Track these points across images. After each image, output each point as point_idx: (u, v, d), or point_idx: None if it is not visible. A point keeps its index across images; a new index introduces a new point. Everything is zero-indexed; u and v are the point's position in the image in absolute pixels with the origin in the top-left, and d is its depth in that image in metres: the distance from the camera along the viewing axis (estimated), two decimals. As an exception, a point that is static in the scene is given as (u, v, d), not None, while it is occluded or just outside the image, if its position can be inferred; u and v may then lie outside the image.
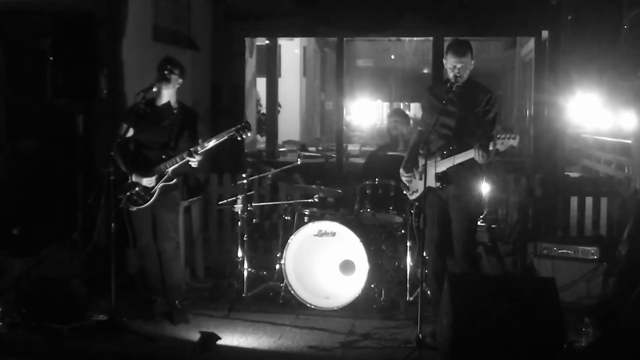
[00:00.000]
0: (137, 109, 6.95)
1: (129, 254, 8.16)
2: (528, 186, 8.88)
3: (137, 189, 6.99)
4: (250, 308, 7.54)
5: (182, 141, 7.01)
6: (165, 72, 7.00)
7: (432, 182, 6.41)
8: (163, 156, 6.97)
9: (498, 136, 6.03)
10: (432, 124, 6.39)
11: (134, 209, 7.03)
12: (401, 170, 6.77)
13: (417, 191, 6.70)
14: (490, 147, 6.11)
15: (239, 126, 6.85)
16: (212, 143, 6.85)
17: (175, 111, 7.08)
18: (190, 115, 7.18)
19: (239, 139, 6.91)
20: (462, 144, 6.31)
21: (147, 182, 6.96)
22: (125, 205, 7.02)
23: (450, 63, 6.42)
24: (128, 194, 7.00)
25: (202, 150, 6.82)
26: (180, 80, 7.10)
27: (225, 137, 6.86)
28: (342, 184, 8.55)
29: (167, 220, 7.11)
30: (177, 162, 6.90)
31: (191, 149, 6.81)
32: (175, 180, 7.03)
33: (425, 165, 6.37)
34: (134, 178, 6.99)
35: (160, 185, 6.97)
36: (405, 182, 6.82)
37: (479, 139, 6.21)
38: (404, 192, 6.93)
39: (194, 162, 6.86)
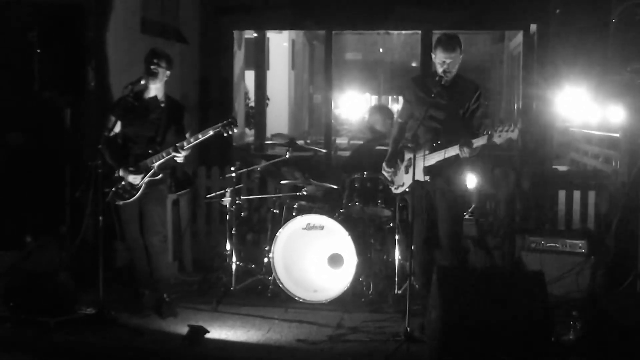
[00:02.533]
0: (125, 103, 6.92)
1: (117, 248, 8.14)
2: (516, 180, 8.89)
3: (123, 183, 6.98)
4: (238, 301, 7.55)
5: (169, 135, 6.99)
6: (152, 66, 6.98)
7: (420, 175, 6.41)
8: (150, 151, 6.95)
9: (495, 129, 6.04)
10: (421, 117, 6.38)
11: (121, 203, 7.01)
12: (383, 165, 6.78)
13: (402, 185, 6.71)
14: (477, 144, 6.14)
15: (225, 122, 6.82)
16: (198, 139, 6.82)
17: (162, 105, 7.06)
18: (177, 109, 7.16)
19: (225, 135, 6.87)
20: (452, 137, 6.31)
21: (133, 179, 6.94)
22: (112, 199, 7.01)
23: (440, 58, 6.41)
24: (114, 188, 6.98)
25: (187, 146, 6.81)
26: (168, 72, 7.08)
27: (211, 133, 6.83)
28: (330, 177, 8.53)
29: (154, 214, 7.10)
30: (163, 157, 6.88)
31: (177, 145, 6.80)
32: (161, 175, 7.01)
33: (409, 159, 6.36)
34: (121, 173, 6.98)
35: (146, 179, 6.95)
36: (387, 177, 6.83)
37: (464, 135, 6.24)
38: (389, 186, 6.94)
39: (179, 157, 6.85)
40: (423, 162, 6.41)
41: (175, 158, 6.86)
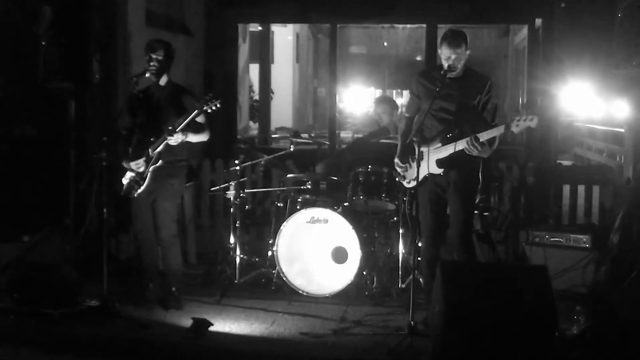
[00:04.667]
0: (131, 97, 6.94)
1: (121, 240, 8.15)
2: (520, 174, 8.89)
3: (132, 174, 6.99)
4: (242, 294, 7.55)
5: (171, 121, 6.93)
6: (151, 63, 6.96)
7: (433, 168, 6.39)
8: (151, 139, 6.93)
9: (513, 118, 6.03)
10: (428, 108, 6.36)
11: (135, 194, 7.01)
12: (396, 161, 6.73)
13: (414, 179, 6.65)
14: (485, 137, 6.13)
15: (206, 98, 6.79)
16: (186, 119, 6.78)
17: (167, 92, 7.04)
18: (179, 95, 7.11)
19: (209, 111, 6.82)
20: (464, 130, 6.29)
21: (135, 165, 6.96)
22: (126, 191, 7.02)
23: (445, 54, 6.38)
24: (128, 180, 7.00)
25: (179, 128, 6.77)
26: (170, 61, 7.03)
27: (196, 112, 6.79)
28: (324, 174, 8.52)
29: (163, 209, 7.09)
30: (160, 144, 6.86)
31: (169, 128, 6.77)
32: (161, 161, 6.94)
33: (421, 152, 6.33)
34: (124, 164, 6.99)
35: (150, 168, 6.94)
36: (399, 172, 6.78)
37: (476, 127, 6.23)
38: (399, 180, 6.87)
39: (172, 140, 6.80)
40: (428, 154, 6.37)
41: (168, 141, 6.82)
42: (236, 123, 12.91)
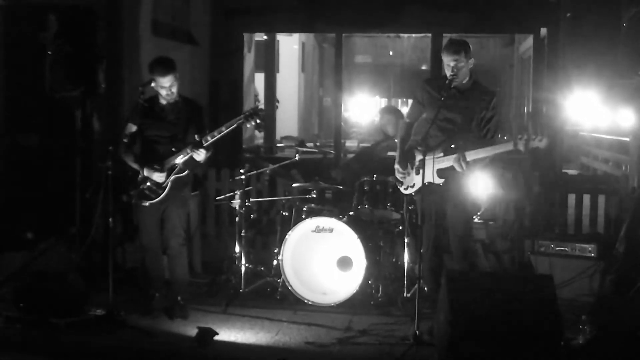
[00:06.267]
0: (140, 108, 6.92)
1: (127, 249, 8.15)
2: (526, 183, 8.88)
3: (148, 183, 6.98)
4: (247, 303, 7.54)
5: (190, 134, 6.92)
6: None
7: (434, 177, 6.41)
8: (173, 149, 6.93)
9: (521, 136, 6.03)
10: (433, 117, 6.38)
11: (147, 203, 7.00)
12: (397, 167, 6.76)
13: (412, 186, 6.69)
14: (475, 156, 6.15)
15: (249, 111, 6.79)
16: (222, 132, 6.80)
17: (179, 105, 7.04)
18: (195, 109, 7.14)
19: (249, 125, 6.83)
20: (467, 141, 6.31)
21: (158, 177, 6.94)
22: (137, 200, 7.01)
23: (445, 61, 6.47)
24: (140, 188, 6.98)
25: (211, 140, 6.78)
26: (177, 75, 7.01)
27: (235, 125, 6.80)
28: (339, 180, 8.53)
29: (174, 217, 7.10)
30: (186, 155, 6.86)
31: (195, 142, 6.76)
32: (187, 171, 6.97)
33: (421, 161, 6.35)
34: (146, 173, 6.96)
35: (172, 178, 6.95)
36: (399, 178, 6.81)
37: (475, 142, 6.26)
38: (398, 186, 6.91)
39: (199, 155, 6.81)
40: (433, 163, 6.39)
41: (194, 156, 6.83)
42: (241, 132, 12.92)
